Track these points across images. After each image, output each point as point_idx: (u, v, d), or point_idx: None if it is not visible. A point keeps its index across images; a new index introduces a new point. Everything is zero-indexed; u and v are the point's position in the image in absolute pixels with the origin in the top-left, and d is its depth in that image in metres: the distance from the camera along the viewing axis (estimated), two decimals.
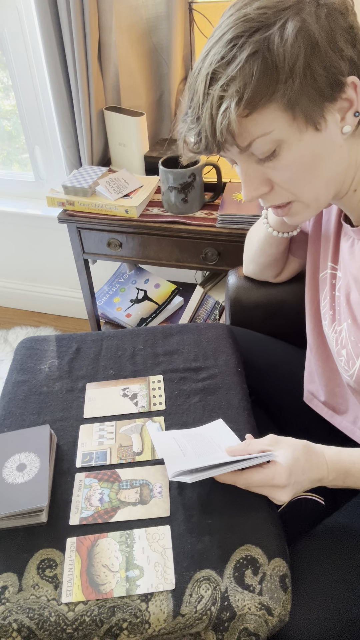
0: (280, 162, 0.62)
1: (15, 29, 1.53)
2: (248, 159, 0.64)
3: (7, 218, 1.92)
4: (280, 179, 0.64)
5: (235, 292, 1.09)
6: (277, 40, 0.55)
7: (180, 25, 1.35)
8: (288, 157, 0.61)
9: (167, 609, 0.63)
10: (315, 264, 0.88)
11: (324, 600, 0.67)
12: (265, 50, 0.55)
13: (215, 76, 0.58)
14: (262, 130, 0.59)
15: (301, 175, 0.63)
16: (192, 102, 0.62)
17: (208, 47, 0.60)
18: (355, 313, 0.73)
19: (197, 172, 1.26)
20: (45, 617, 0.63)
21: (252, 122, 0.59)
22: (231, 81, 0.57)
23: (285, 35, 0.55)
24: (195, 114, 0.62)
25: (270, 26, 0.56)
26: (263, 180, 0.66)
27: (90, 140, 1.47)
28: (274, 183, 0.66)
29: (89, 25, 1.28)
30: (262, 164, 0.63)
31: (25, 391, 0.92)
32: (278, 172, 0.63)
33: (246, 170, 0.65)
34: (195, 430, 0.82)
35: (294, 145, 0.60)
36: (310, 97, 0.57)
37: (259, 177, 0.65)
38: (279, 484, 0.67)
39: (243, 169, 0.65)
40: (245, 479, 0.70)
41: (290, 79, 0.56)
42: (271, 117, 0.58)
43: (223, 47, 0.57)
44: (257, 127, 0.59)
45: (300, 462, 0.68)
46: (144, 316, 1.75)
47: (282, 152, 0.61)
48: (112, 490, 0.76)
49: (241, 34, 0.56)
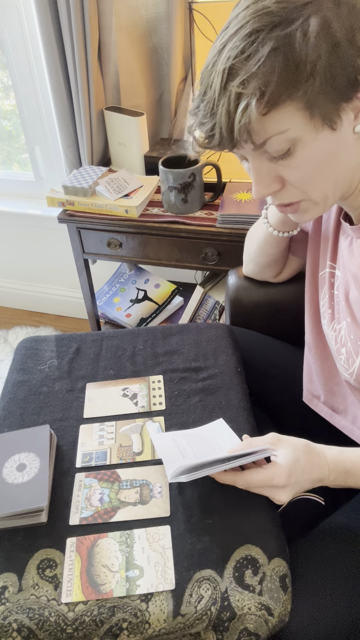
0: (294, 161, 0.61)
1: (15, 29, 1.53)
2: (260, 156, 0.63)
3: (7, 218, 1.92)
4: (293, 178, 0.64)
5: (235, 292, 1.09)
6: (299, 37, 0.54)
7: (180, 25, 1.35)
8: (302, 155, 0.61)
9: (167, 609, 0.63)
10: (315, 263, 0.88)
11: (324, 600, 0.67)
12: (286, 47, 0.54)
13: (234, 71, 0.56)
14: (278, 129, 0.58)
15: (314, 174, 0.63)
16: (205, 96, 0.60)
17: (224, 40, 0.58)
18: (354, 311, 0.73)
19: (197, 172, 1.26)
20: (45, 617, 0.63)
21: (270, 120, 0.58)
22: (252, 77, 0.55)
23: (307, 33, 0.54)
24: (208, 109, 0.60)
25: (291, 22, 0.54)
26: (274, 177, 0.65)
27: (90, 140, 1.47)
28: (285, 181, 0.65)
29: (89, 25, 1.28)
30: (274, 161, 0.62)
31: (25, 391, 0.92)
32: (291, 170, 0.63)
33: (258, 168, 0.64)
34: (196, 431, 0.82)
35: (309, 144, 0.60)
36: (328, 97, 0.56)
37: (271, 175, 0.64)
38: (278, 484, 0.67)
39: (255, 166, 0.64)
40: (244, 479, 0.69)
41: (312, 78, 0.55)
42: (289, 115, 0.57)
43: (242, 41, 0.55)
44: (274, 125, 0.58)
45: (301, 462, 0.68)
46: (144, 316, 1.75)
47: (297, 150, 0.60)
48: (112, 490, 0.76)
49: (261, 28, 0.55)
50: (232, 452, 0.71)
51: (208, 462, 0.69)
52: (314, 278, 0.88)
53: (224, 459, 0.69)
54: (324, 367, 0.89)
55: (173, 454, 0.77)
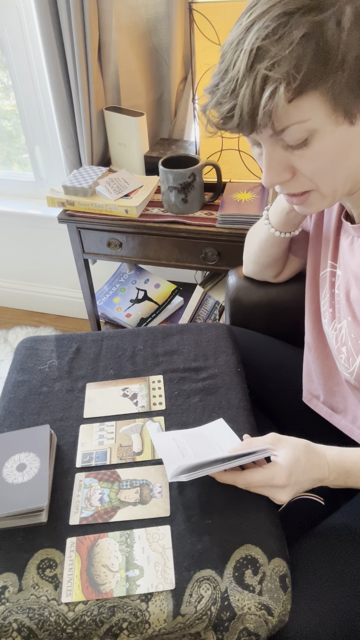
0: (309, 152, 0.60)
1: (15, 29, 1.53)
2: (275, 143, 0.61)
3: (7, 218, 1.92)
4: (306, 169, 0.62)
5: (235, 292, 1.09)
6: (333, 26, 0.52)
7: (180, 25, 1.35)
8: (319, 147, 0.59)
9: (167, 608, 0.63)
10: (315, 263, 0.88)
11: (324, 600, 0.67)
12: (318, 34, 0.52)
13: (263, 52, 0.53)
14: (300, 117, 0.56)
15: (327, 166, 0.62)
16: (227, 74, 0.57)
17: (252, 18, 0.55)
18: (355, 310, 0.73)
19: (197, 172, 1.26)
20: (45, 617, 0.63)
21: (294, 108, 0.56)
22: (282, 61, 0.53)
23: (341, 22, 0.52)
24: (229, 89, 0.57)
25: (325, 9, 0.52)
26: (286, 167, 0.63)
27: (90, 140, 1.47)
28: (297, 171, 0.63)
29: (89, 25, 1.28)
30: (289, 150, 0.61)
31: (25, 391, 0.92)
32: (305, 161, 0.61)
33: (271, 155, 0.62)
34: (196, 430, 0.82)
35: (327, 136, 0.58)
36: (352, 90, 0.55)
37: (283, 164, 0.63)
38: (279, 484, 0.67)
39: (268, 152, 0.62)
40: (245, 479, 0.69)
41: (340, 70, 0.53)
42: (313, 105, 0.56)
43: (272, 21, 0.53)
44: (297, 113, 0.56)
45: (301, 462, 0.68)
46: (144, 316, 1.75)
47: (314, 141, 0.59)
48: (112, 490, 0.76)
49: (293, 11, 0.52)
50: (232, 451, 0.72)
51: (208, 461, 0.69)
52: (314, 278, 0.88)
53: (224, 459, 0.69)
54: (324, 367, 0.89)
55: (173, 454, 0.77)
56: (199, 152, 1.35)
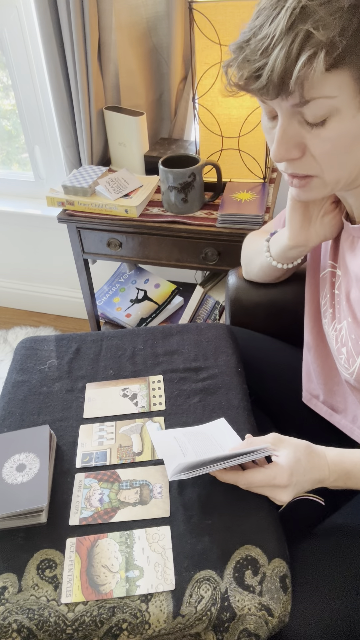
0: (324, 132, 0.58)
1: (15, 29, 1.53)
2: (293, 116, 0.59)
3: (7, 218, 1.92)
4: (317, 149, 0.60)
5: (235, 292, 1.09)
6: None
7: (180, 25, 1.35)
8: (336, 129, 0.57)
9: (167, 609, 0.63)
10: (315, 263, 0.88)
11: (324, 600, 0.67)
12: None
13: (308, 11, 0.50)
14: (329, 92, 0.54)
15: (339, 150, 0.60)
16: (261, 30, 0.53)
17: None
18: (355, 311, 0.73)
19: (197, 172, 1.26)
20: (45, 618, 0.63)
21: (327, 80, 0.53)
22: (328, 26, 0.50)
23: None
24: (262, 46, 0.53)
25: None
26: (298, 144, 0.61)
27: (90, 140, 1.47)
28: (307, 151, 0.61)
29: (88, 25, 1.28)
30: (305, 127, 0.59)
31: (25, 391, 0.92)
32: (318, 141, 0.59)
33: (285, 128, 0.60)
34: (197, 429, 0.82)
35: (346, 120, 0.57)
36: None
37: (295, 140, 0.60)
38: (280, 484, 0.67)
39: (283, 125, 0.60)
40: (246, 478, 0.69)
41: None
42: (344, 82, 0.54)
43: None
44: (328, 86, 0.54)
45: (302, 463, 0.68)
46: (144, 316, 1.74)
47: (332, 122, 0.57)
48: (112, 490, 0.76)
49: None
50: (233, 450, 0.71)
51: (209, 459, 0.69)
52: (314, 278, 0.88)
53: (224, 457, 0.68)
54: (324, 367, 0.89)
55: (174, 452, 0.76)
56: (199, 151, 1.35)
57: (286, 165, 0.65)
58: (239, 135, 1.29)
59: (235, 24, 1.13)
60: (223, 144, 1.32)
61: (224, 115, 1.27)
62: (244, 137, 1.29)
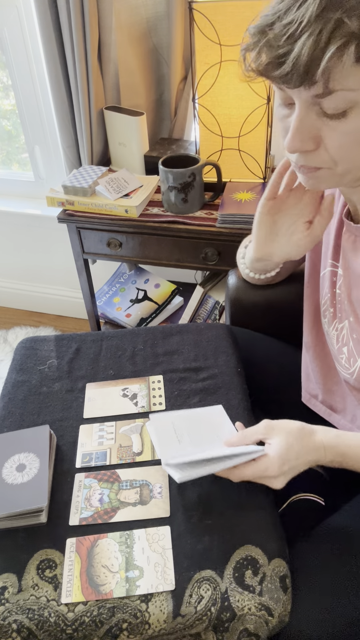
0: (343, 125, 0.56)
1: (15, 29, 1.53)
2: (311, 107, 0.57)
3: (7, 218, 1.92)
4: (334, 142, 0.58)
5: (235, 292, 1.09)
6: None
7: (180, 25, 1.35)
8: (353, 123, 0.56)
9: (167, 609, 0.63)
10: (315, 262, 0.88)
11: (324, 600, 0.67)
12: None
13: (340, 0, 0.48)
14: (352, 85, 0.52)
15: (354, 146, 0.59)
16: (287, 15, 0.51)
17: None
18: (357, 311, 0.73)
19: (197, 172, 1.26)
20: (45, 618, 0.63)
21: (353, 72, 0.51)
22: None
23: None
24: (288, 31, 0.51)
25: None
26: (313, 136, 0.59)
27: (90, 140, 1.47)
28: (322, 143, 0.59)
29: (88, 25, 1.28)
30: (323, 119, 0.57)
31: (25, 391, 0.92)
32: (336, 134, 0.57)
33: (302, 119, 0.58)
34: (194, 412, 0.82)
35: None
36: None
37: (311, 131, 0.59)
38: (271, 475, 0.68)
39: (300, 116, 0.58)
40: (237, 474, 0.70)
41: None
42: None
43: None
44: (351, 78, 0.52)
45: (294, 447, 0.68)
46: (144, 316, 1.74)
47: (351, 116, 0.55)
48: (112, 490, 0.76)
49: None
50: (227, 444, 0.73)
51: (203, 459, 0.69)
52: (313, 277, 0.88)
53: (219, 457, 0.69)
54: (323, 367, 0.88)
55: (169, 438, 0.77)
56: (199, 151, 1.35)
57: (298, 157, 0.63)
58: (239, 135, 1.29)
59: (236, 23, 1.13)
60: (223, 144, 1.32)
61: (224, 115, 1.27)
62: (244, 137, 1.29)
